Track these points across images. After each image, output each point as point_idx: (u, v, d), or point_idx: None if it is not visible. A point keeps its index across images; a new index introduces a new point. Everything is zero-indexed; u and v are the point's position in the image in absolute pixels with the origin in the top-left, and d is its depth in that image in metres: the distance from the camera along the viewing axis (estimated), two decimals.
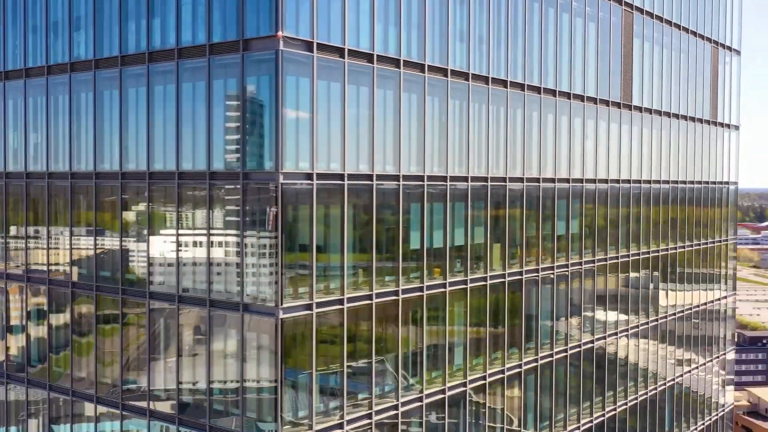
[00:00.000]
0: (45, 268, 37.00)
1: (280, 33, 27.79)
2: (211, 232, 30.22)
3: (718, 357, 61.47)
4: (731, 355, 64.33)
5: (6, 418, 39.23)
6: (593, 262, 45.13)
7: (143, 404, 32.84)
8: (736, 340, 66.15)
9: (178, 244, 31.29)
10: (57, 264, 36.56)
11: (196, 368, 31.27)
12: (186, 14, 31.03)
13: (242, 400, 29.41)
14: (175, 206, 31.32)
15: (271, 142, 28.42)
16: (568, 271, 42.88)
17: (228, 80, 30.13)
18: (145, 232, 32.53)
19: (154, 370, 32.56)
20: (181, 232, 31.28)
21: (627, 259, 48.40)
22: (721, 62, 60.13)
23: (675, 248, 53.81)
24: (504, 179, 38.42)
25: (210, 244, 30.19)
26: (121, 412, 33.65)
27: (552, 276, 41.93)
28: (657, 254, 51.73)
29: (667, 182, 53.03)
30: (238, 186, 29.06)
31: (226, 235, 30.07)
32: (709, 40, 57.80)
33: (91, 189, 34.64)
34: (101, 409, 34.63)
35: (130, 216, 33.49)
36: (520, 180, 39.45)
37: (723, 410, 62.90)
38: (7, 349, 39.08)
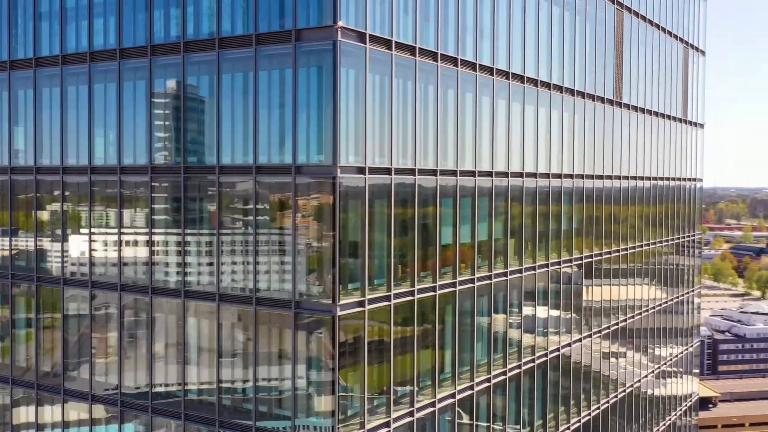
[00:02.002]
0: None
1: (339, 23, 27.13)
2: (258, 230, 29.30)
3: (686, 349, 63.23)
4: (697, 346, 66.25)
5: None
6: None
7: (176, 408, 31.68)
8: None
9: (220, 242, 30.25)
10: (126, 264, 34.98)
11: (239, 368, 30.31)
12: (225, 2, 30.00)
13: (294, 398, 28.62)
14: (216, 203, 30.27)
15: (326, 135, 27.70)
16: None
17: (272, 72, 29.30)
18: (180, 230, 31.36)
19: (189, 369, 31.43)
20: (223, 230, 30.25)
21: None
22: (691, 62, 61.84)
23: (646, 245, 54.66)
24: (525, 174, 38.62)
25: (256, 242, 29.28)
26: (150, 415, 32.37)
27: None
28: (624, 253, 52.72)
29: (649, 179, 54.21)
30: (289, 180, 28.25)
31: (269, 232, 29.21)
32: (681, 40, 59.34)
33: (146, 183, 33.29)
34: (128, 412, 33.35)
35: (167, 213, 32.19)
36: (539, 176, 39.71)
37: (690, 400, 64.76)
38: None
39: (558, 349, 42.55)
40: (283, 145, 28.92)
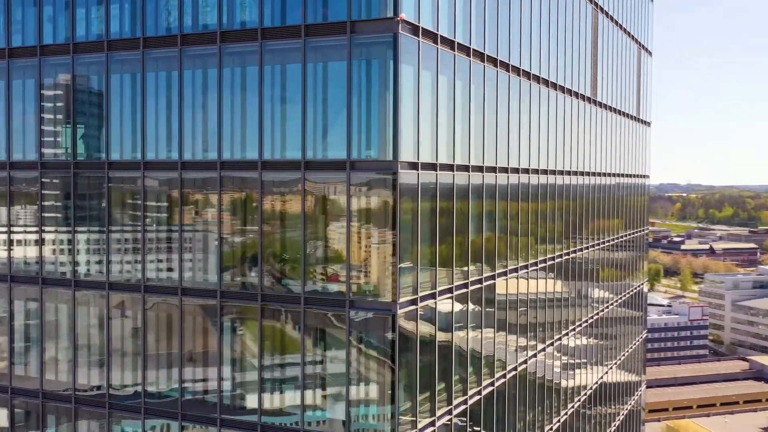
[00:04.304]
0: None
1: (402, 15, 26.53)
2: (308, 228, 28.33)
3: (638, 340, 65.26)
4: (644, 336, 68.49)
5: None
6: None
7: (212, 414, 30.40)
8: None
9: (262, 237, 29.12)
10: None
11: (280, 369, 29.31)
12: None
13: (347, 398, 27.85)
14: (258, 199, 29.10)
15: (381, 130, 27.07)
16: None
17: (317, 64, 28.38)
18: (216, 227, 30.06)
19: (224, 368, 30.20)
20: (266, 228, 29.14)
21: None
22: (642, 61, 63.83)
23: (599, 243, 54.85)
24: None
25: (304, 240, 28.31)
26: (180, 422, 30.91)
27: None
28: (579, 252, 53.65)
29: (614, 175, 55.57)
30: (342, 175, 27.43)
31: (318, 229, 28.34)
32: (635, 40, 61.11)
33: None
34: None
35: (203, 208, 30.78)
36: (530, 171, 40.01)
37: (641, 388, 66.93)
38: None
39: (553, 343, 43.14)
40: (326, 139, 28.15)
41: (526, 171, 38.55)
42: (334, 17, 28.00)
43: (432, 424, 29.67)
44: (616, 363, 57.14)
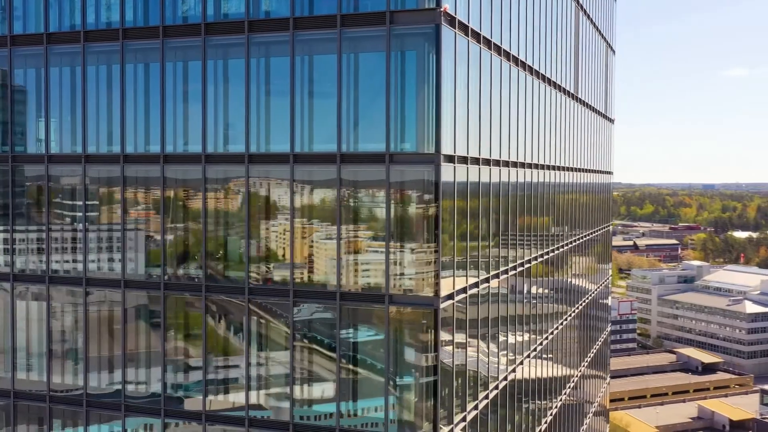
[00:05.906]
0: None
1: (446, 6, 26.20)
2: (344, 221, 27.77)
3: (605, 336, 66.37)
4: (608, 330, 69.67)
5: None
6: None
7: (239, 413, 29.53)
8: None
9: (292, 236, 28.42)
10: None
11: (307, 368, 28.67)
12: None
13: (386, 399, 27.38)
14: (288, 194, 28.36)
15: (425, 123, 26.68)
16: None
17: (349, 55, 27.83)
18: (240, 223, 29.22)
19: (250, 367, 29.39)
20: (301, 218, 28.44)
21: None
22: (609, 60, 64.93)
23: (582, 238, 53.77)
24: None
25: (338, 234, 27.74)
26: (203, 421, 29.94)
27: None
28: (563, 248, 53.87)
29: (588, 171, 56.37)
30: (382, 169, 26.92)
31: (355, 223, 27.84)
32: (603, 37, 62.10)
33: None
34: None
35: (225, 204, 29.87)
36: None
37: (608, 382, 68.08)
38: None
39: (548, 336, 43.44)
40: (358, 132, 27.65)
41: (529, 166, 38.71)
42: (365, 8, 27.53)
43: (463, 419, 29.46)
44: (583, 366, 57.89)
